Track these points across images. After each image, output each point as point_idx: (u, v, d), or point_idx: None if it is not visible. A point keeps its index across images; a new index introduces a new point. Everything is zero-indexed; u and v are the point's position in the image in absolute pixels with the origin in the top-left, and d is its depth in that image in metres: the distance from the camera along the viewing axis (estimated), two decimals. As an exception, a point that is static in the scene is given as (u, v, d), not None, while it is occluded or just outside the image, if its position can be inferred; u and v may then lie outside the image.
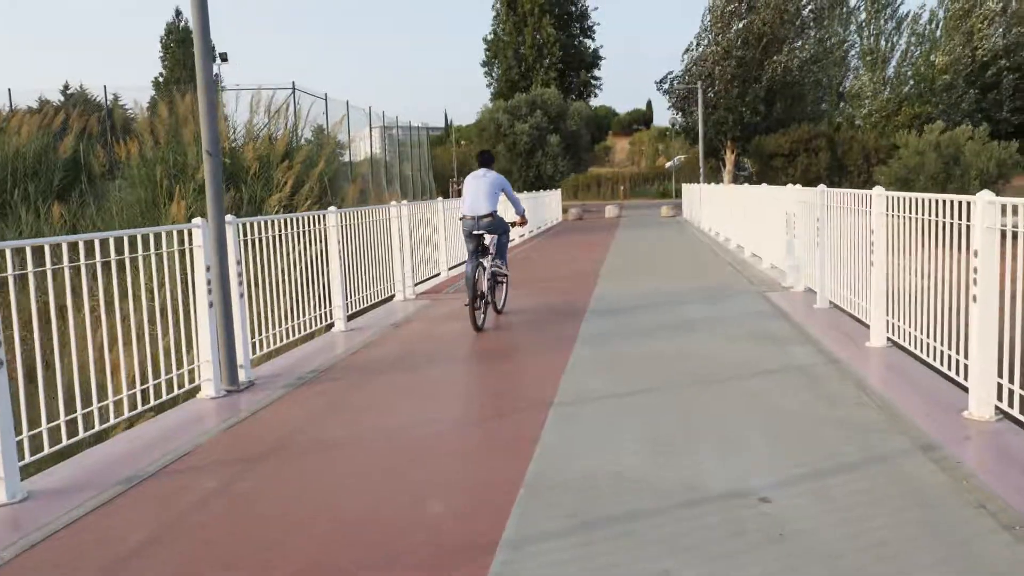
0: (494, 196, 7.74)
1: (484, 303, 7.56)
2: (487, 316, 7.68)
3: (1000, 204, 4.05)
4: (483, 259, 7.65)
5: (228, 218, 5.54)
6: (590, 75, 52.22)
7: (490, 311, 7.88)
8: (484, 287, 7.56)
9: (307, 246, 7.12)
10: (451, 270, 12.11)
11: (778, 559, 2.75)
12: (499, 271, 8.05)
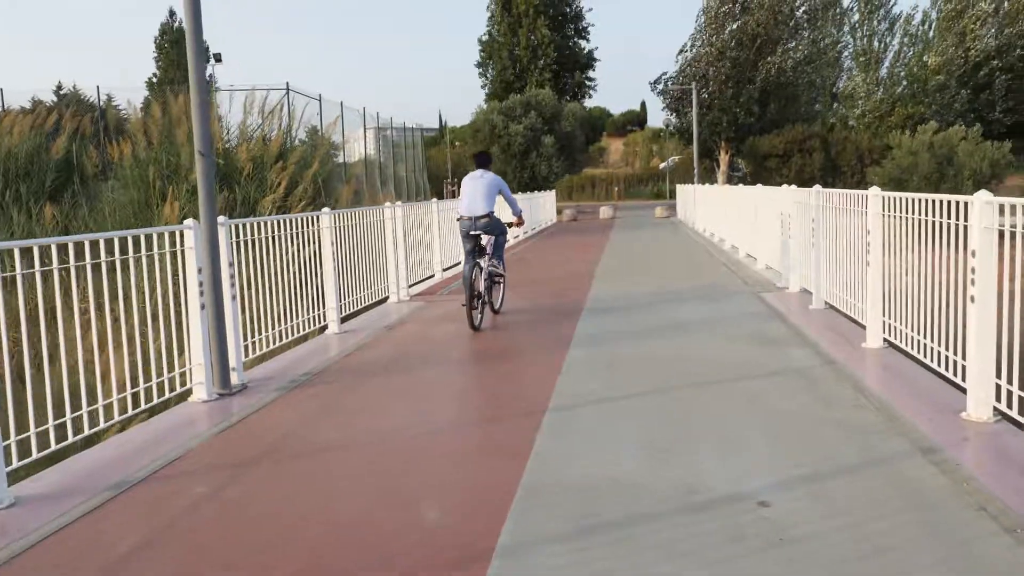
0: (491, 197, 7.77)
1: (481, 303, 7.59)
2: (484, 316, 7.67)
3: (998, 204, 4.03)
4: (480, 259, 7.69)
5: (220, 219, 5.49)
6: (584, 76, 52.16)
7: (487, 311, 7.88)
8: (481, 287, 7.59)
9: (300, 247, 7.07)
10: (446, 271, 12.07)
11: (778, 564, 2.71)
12: (496, 271, 8.08)
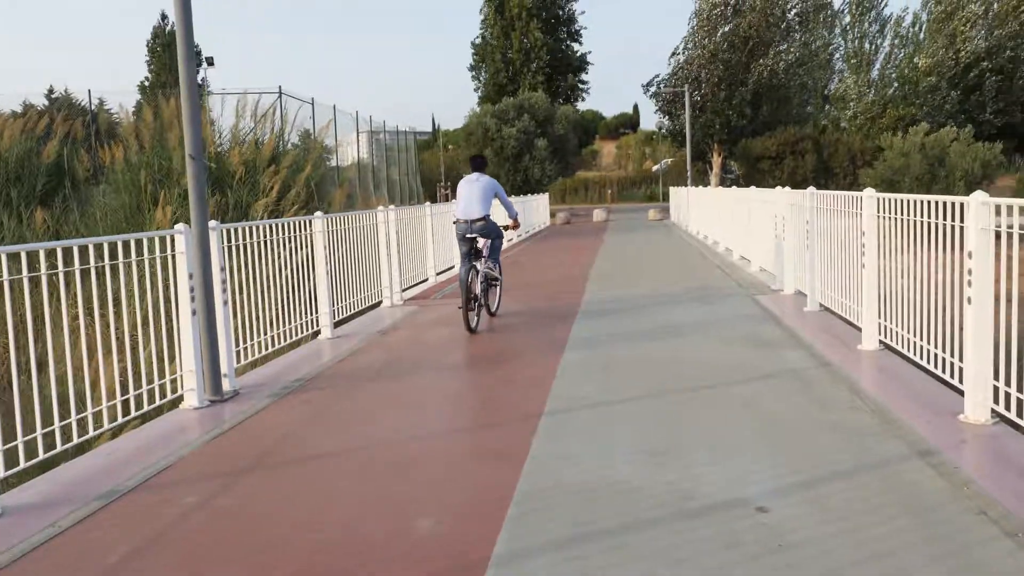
0: (487, 200, 7.78)
1: (478, 305, 7.60)
2: (480, 318, 7.66)
3: (994, 205, 4.01)
4: (476, 262, 7.71)
5: (212, 224, 5.43)
6: (577, 79, 52.20)
7: (483, 313, 7.87)
8: (477, 290, 7.60)
9: (293, 252, 7.02)
10: (439, 275, 12.02)
11: (776, 570, 2.68)
12: (492, 274, 8.08)
